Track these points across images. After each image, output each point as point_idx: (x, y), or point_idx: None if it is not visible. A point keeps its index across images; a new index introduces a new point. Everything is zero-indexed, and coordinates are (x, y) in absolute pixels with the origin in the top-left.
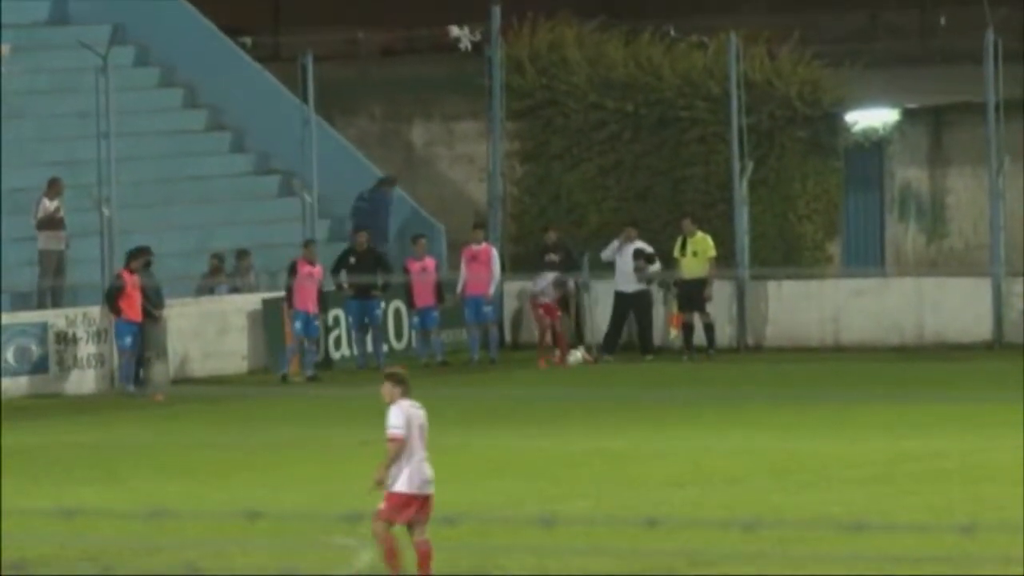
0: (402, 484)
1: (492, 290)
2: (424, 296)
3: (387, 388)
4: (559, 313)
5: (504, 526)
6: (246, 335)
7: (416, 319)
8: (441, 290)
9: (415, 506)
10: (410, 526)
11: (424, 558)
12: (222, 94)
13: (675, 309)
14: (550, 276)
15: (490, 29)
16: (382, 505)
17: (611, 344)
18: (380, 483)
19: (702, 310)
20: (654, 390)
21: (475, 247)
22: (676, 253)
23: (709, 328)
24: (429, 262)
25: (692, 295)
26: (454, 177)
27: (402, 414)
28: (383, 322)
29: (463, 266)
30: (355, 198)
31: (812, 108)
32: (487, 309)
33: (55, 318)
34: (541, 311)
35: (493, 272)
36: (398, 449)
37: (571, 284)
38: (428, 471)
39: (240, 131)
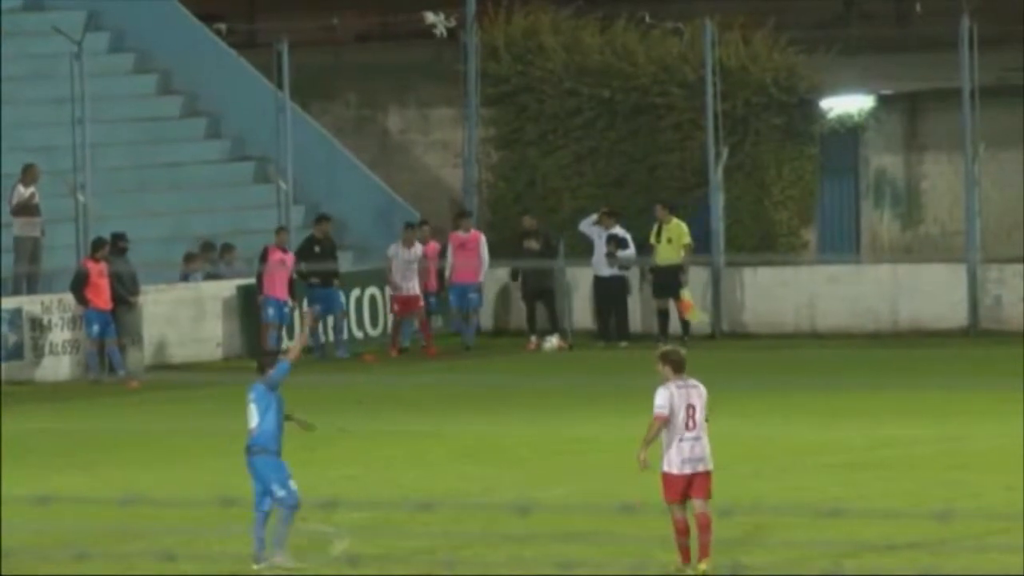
0: (668, 464)
1: (482, 277)
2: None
3: (659, 367)
4: (419, 307)
5: (480, 513)
6: (221, 321)
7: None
8: (442, 277)
9: (683, 484)
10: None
11: (703, 528)
12: (197, 80)
13: (684, 296)
14: (416, 281)
15: (465, 15)
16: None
17: (605, 331)
18: (643, 464)
19: (677, 297)
20: (629, 377)
21: (463, 234)
22: (652, 240)
23: None
24: (432, 247)
25: (667, 282)
26: (429, 163)
27: (666, 393)
28: (354, 309)
29: (450, 253)
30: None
31: (787, 94)
32: (473, 296)
33: (30, 304)
34: (396, 306)
35: (482, 259)
36: (655, 427)
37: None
38: (697, 449)
39: (215, 117)
